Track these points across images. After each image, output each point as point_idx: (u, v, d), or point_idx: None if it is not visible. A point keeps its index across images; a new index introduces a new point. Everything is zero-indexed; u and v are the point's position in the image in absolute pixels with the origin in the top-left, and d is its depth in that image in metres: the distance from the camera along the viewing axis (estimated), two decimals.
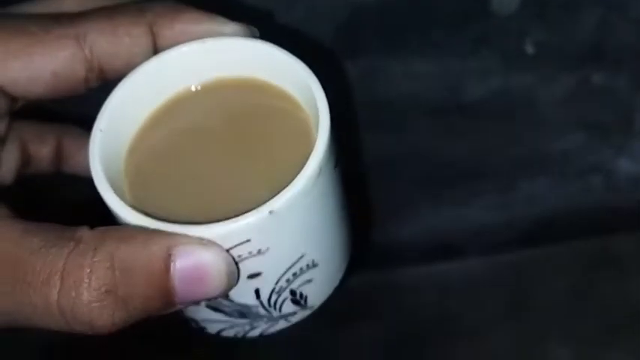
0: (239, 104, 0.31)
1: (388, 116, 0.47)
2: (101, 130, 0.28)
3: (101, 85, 0.31)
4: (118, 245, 0.25)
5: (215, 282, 0.26)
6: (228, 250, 0.26)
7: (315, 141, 0.27)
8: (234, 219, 0.26)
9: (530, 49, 0.45)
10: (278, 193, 0.26)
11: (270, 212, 0.26)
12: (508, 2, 0.42)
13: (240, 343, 0.31)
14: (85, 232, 0.26)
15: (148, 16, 0.30)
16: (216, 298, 0.27)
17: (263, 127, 0.30)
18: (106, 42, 0.29)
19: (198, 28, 0.30)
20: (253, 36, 0.31)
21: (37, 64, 0.29)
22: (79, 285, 0.25)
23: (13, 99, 0.31)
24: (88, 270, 0.25)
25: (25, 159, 0.34)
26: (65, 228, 0.26)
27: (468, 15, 0.43)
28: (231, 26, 0.30)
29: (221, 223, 0.26)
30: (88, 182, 0.28)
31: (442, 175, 0.50)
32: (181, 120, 0.31)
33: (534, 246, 0.51)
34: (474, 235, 0.52)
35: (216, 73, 0.31)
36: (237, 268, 0.27)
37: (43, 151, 0.35)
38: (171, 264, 0.25)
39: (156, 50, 0.30)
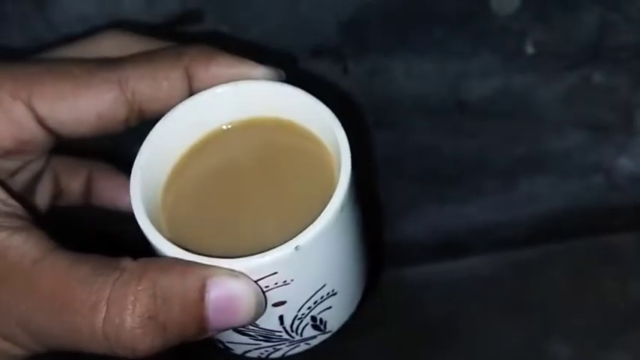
0: (266, 143, 0.33)
1: (389, 115, 0.48)
2: (141, 168, 0.30)
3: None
4: (159, 275, 0.27)
5: (245, 311, 0.28)
6: (256, 281, 0.28)
7: (337, 179, 0.29)
8: (262, 254, 0.28)
9: (530, 49, 0.45)
10: (303, 228, 0.28)
11: (296, 248, 0.28)
12: (508, 2, 0.43)
13: None
14: (128, 263, 0.28)
15: (185, 60, 0.31)
16: (245, 325, 0.29)
17: (288, 165, 0.32)
18: (146, 86, 0.31)
19: (231, 71, 0.32)
20: (280, 78, 0.33)
21: (83, 107, 0.31)
22: (123, 312, 0.27)
23: (57, 137, 0.32)
24: (132, 298, 0.27)
25: (57, 192, 0.36)
26: (110, 259, 0.28)
27: (468, 15, 0.43)
28: (261, 70, 0.32)
29: (251, 257, 0.28)
30: (117, 216, 0.30)
31: (444, 174, 0.51)
32: (213, 157, 0.33)
33: (536, 244, 0.51)
34: (477, 234, 0.52)
35: (246, 114, 0.33)
36: (265, 298, 0.29)
37: (74, 184, 0.37)
38: (206, 294, 0.27)
39: (191, 91, 0.32)
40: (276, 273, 0.28)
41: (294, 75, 0.44)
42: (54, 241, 0.29)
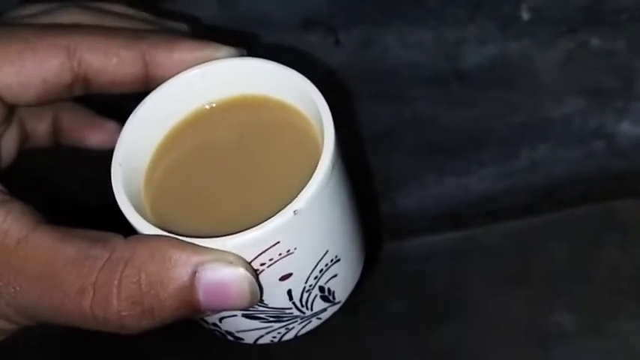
0: (244, 120, 0.33)
1: (386, 87, 0.47)
2: (120, 164, 0.30)
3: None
4: (147, 259, 0.27)
5: (238, 294, 0.28)
6: (259, 255, 0.28)
7: (322, 146, 0.29)
8: (262, 224, 0.28)
9: (526, 15, 0.44)
10: (295, 197, 0.28)
11: (295, 212, 0.28)
12: None
13: None
14: (117, 243, 0.28)
15: (142, 44, 0.31)
16: (240, 309, 0.29)
17: (269, 140, 0.32)
18: (94, 58, 0.31)
19: (194, 55, 0.31)
20: (242, 56, 0.32)
21: (29, 70, 0.31)
22: (109, 296, 0.27)
23: (6, 106, 0.32)
24: (117, 283, 0.27)
25: (24, 136, 0.35)
26: (98, 237, 0.28)
27: None
28: (224, 50, 0.32)
29: (252, 230, 0.28)
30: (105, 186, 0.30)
31: (443, 145, 0.50)
32: (193, 140, 0.32)
33: (538, 213, 0.51)
34: (478, 204, 0.52)
35: (219, 95, 0.32)
36: (257, 284, 0.29)
37: (40, 127, 0.36)
38: (196, 280, 0.27)
39: (151, 77, 0.32)
40: (278, 243, 0.28)
41: (285, 48, 0.44)
42: (36, 215, 0.28)
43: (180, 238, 0.28)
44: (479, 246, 0.51)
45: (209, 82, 0.32)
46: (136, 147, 0.31)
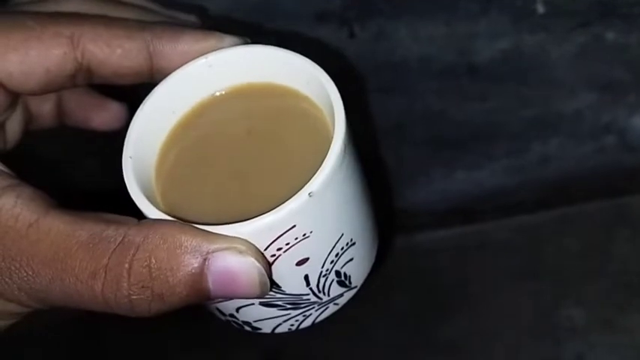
0: (253, 108, 0.32)
1: (397, 80, 0.47)
2: (131, 157, 0.30)
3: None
4: (158, 245, 0.27)
5: (247, 285, 0.28)
6: (276, 239, 0.28)
7: (331, 129, 0.29)
8: (277, 208, 0.27)
9: (540, 9, 0.44)
10: (307, 182, 0.28)
11: (310, 194, 0.28)
12: None
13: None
14: (130, 227, 0.27)
15: (146, 35, 0.31)
16: (250, 298, 0.29)
17: (278, 126, 0.32)
18: (98, 49, 0.31)
19: (199, 46, 0.31)
20: (246, 44, 0.32)
21: (33, 59, 0.30)
22: (120, 279, 0.27)
23: (10, 94, 0.31)
24: (127, 266, 0.27)
25: (28, 117, 0.35)
26: (111, 219, 0.28)
27: None
28: (228, 40, 0.32)
29: (267, 215, 0.27)
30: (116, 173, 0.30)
31: (454, 139, 0.50)
32: (203, 129, 0.32)
33: (548, 208, 0.51)
34: (488, 198, 0.52)
35: (226, 84, 0.32)
36: (268, 273, 0.28)
37: (44, 107, 0.36)
38: (206, 268, 0.27)
39: (155, 68, 0.32)
40: (294, 226, 0.28)
41: (299, 40, 0.44)
42: (47, 199, 0.28)
43: (193, 225, 0.28)
44: (489, 240, 0.51)
45: (216, 71, 0.32)
46: (146, 139, 0.31)
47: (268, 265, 0.28)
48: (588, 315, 0.48)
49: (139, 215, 0.29)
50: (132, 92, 0.33)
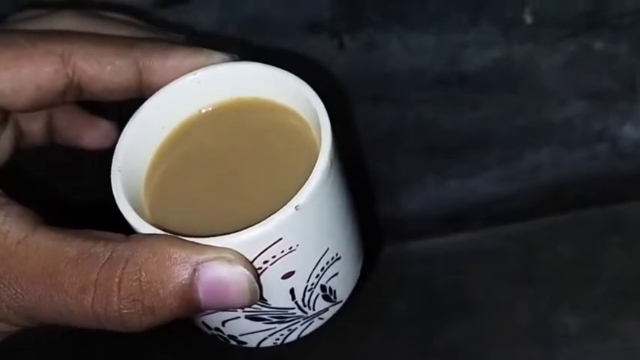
0: (241, 123, 0.33)
1: (389, 90, 0.47)
2: (119, 171, 0.30)
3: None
4: (147, 258, 0.27)
5: (237, 294, 0.28)
6: (262, 252, 0.28)
7: (318, 144, 0.29)
8: (264, 221, 0.28)
9: (529, 18, 0.44)
10: (293, 196, 0.28)
11: (297, 208, 0.28)
12: None
13: None
14: (119, 243, 0.28)
15: (136, 52, 0.31)
16: (240, 307, 0.30)
17: (265, 141, 0.32)
18: (88, 66, 0.31)
19: (188, 62, 0.32)
20: (235, 60, 0.33)
21: (24, 76, 0.31)
22: (110, 294, 0.27)
23: (0, 112, 0.32)
24: (117, 281, 0.27)
25: (19, 135, 0.35)
26: (99, 236, 0.28)
27: None
28: (217, 57, 0.32)
29: (254, 227, 0.28)
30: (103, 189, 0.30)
31: (447, 148, 0.50)
32: (191, 144, 0.33)
33: (542, 215, 0.51)
34: (481, 207, 0.52)
35: (214, 99, 0.33)
36: (257, 282, 0.29)
37: (35, 125, 0.36)
38: (196, 279, 0.27)
39: (145, 85, 0.32)
40: (281, 239, 0.28)
41: (289, 52, 0.44)
42: (35, 216, 0.28)
43: (181, 237, 0.28)
44: (482, 248, 0.51)
45: (204, 87, 0.32)
46: (135, 153, 0.31)
47: (257, 273, 0.29)
48: (583, 322, 0.48)
49: (127, 229, 0.29)
50: (116, 109, 0.33)
